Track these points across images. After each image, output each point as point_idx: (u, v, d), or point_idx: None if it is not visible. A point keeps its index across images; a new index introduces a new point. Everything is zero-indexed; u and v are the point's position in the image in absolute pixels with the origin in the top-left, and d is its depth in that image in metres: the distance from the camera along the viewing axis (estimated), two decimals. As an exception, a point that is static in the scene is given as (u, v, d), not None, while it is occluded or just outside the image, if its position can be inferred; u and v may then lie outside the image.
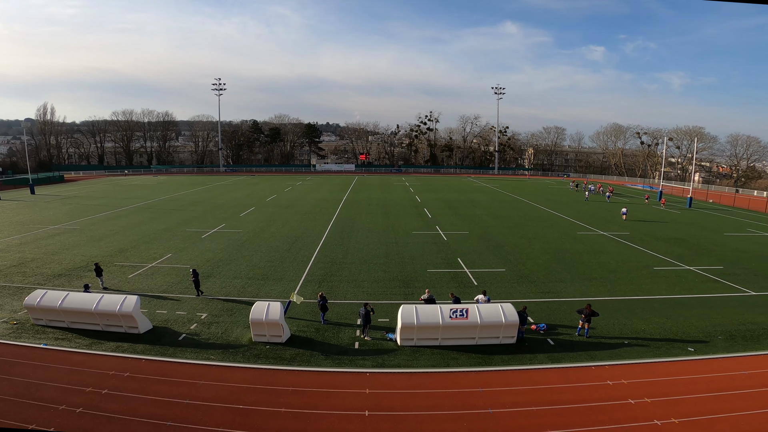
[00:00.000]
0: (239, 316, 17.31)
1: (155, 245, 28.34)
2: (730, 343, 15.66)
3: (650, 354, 14.87)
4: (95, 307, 15.81)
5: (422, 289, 19.81)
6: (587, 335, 15.97)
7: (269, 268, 23.68)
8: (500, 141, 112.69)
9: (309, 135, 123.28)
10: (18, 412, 11.07)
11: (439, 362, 14.25)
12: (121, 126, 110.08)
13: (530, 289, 21.14)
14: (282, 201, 50.46)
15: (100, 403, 11.51)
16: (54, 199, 51.21)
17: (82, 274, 22.28)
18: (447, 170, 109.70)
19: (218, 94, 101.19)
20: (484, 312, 15.38)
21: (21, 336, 15.64)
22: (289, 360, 14.21)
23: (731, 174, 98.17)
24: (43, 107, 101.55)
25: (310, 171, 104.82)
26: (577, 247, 29.66)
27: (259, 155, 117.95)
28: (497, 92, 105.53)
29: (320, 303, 16.88)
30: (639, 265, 25.26)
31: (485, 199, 55.59)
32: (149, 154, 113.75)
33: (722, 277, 23.31)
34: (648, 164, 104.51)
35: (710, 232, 36.03)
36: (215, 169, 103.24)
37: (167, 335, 15.84)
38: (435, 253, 27.18)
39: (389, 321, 16.94)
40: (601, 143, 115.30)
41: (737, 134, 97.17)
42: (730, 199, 58.84)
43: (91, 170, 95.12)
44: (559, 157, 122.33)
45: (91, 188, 63.53)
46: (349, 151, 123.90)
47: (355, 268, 23.84)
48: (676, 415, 11.29)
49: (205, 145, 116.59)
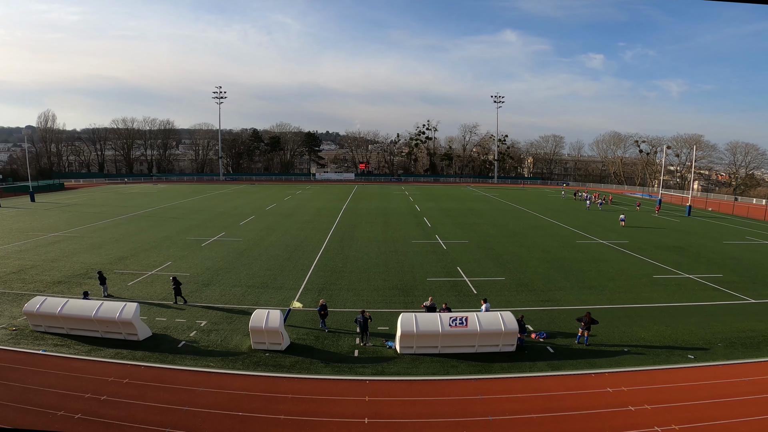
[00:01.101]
0: (239, 324, 17.30)
1: (155, 253, 28.36)
2: (730, 351, 15.65)
3: (650, 361, 14.85)
4: (95, 314, 15.81)
5: (422, 297, 19.84)
6: (587, 343, 15.96)
7: (269, 277, 23.69)
8: (500, 150, 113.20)
9: (309, 144, 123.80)
10: (16, 418, 11.03)
11: (439, 370, 14.23)
12: (121, 134, 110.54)
13: (530, 297, 21.15)
14: (282, 210, 50.56)
15: (98, 409, 11.48)
16: (54, 206, 51.29)
17: (82, 281, 22.28)
18: (446, 179, 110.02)
19: (219, 102, 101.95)
20: (483, 320, 15.39)
21: (20, 342, 15.61)
22: (288, 367, 14.19)
23: (730, 182, 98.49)
24: (44, 114, 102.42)
25: (310, 180, 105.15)
26: (577, 255, 29.71)
27: (259, 164, 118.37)
28: (497, 101, 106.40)
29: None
30: (638, 274, 25.29)
31: (485, 208, 55.72)
32: (149, 162, 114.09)
33: (722, 285, 23.34)
34: (647, 172, 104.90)
35: (709, 240, 36.09)
36: (215, 178, 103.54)
37: (167, 342, 15.81)
38: (434, 262, 27.21)
39: (389, 329, 16.93)
40: (600, 151, 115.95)
41: (736, 142, 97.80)
42: (729, 207, 59.01)
43: (91, 178, 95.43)
44: (558, 165, 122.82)
45: (91, 196, 63.64)
46: (348, 160, 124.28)
47: (355, 277, 23.85)
48: (676, 422, 11.26)
49: (206, 153, 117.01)
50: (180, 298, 19.33)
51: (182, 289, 19.48)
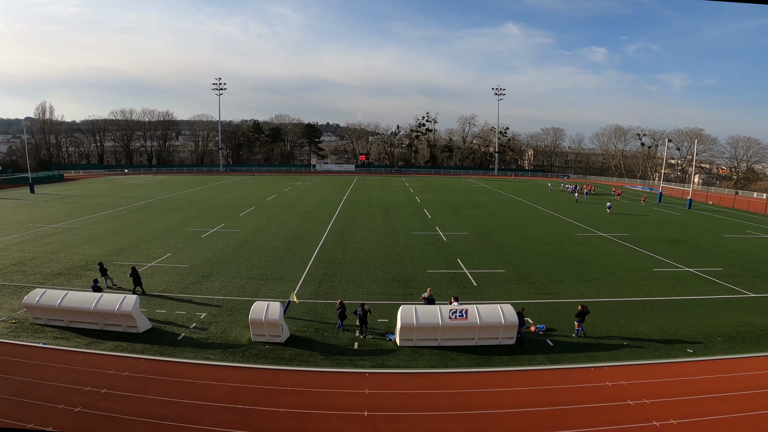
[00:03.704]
0: (238, 316, 17.30)
1: (155, 245, 28.33)
2: (730, 345, 15.66)
3: (649, 355, 14.87)
4: (94, 307, 15.80)
5: (421, 289, 19.82)
6: (579, 334, 16.07)
7: (269, 268, 23.67)
8: (500, 142, 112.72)
9: (309, 135, 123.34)
10: (16, 411, 11.06)
11: (439, 363, 14.25)
12: (121, 125, 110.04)
13: (530, 290, 21.14)
14: (282, 201, 50.45)
15: (98, 403, 11.51)
16: (53, 198, 51.18)
17: (82, 273, 22.28)
18: (447, 171, 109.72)
19: (219, 94, 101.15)
20: (483, 313, 15.37)
21: (20, 335, 15.63)
22: (288, 360, 14.21)
23: (731, 176, 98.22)
24: (41, 106, 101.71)
25: (310, 171, 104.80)
26: (577, 248, 29.67)
27: (259, 155, 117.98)
28: (497, 93, 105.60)
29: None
30: (638, 267, 25.26)
31: (485, 199, 55.59)
32: (149, 153, 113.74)
33: (721, 278, 23.32)
34: (648, 166, 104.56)
35: (710, 233, 36.04)
36: (215, 169, 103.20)
37: (166, 335, 15.83)
38: (435, 254, 27.18)
39: (389, 321, 16.94)
40: (601, 144, 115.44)
41: (737, 136, 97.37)
42: (729, 201, 58.87)
43: (91, 169, 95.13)
44: (559, 158, 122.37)
45: (91, 187, 63.50)
46: (349, 152, 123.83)
47: (355, 269, 23.84)
48: (675, 416, 11.29)
49: (206, 144, 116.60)
50: (139, 288, 19.39)
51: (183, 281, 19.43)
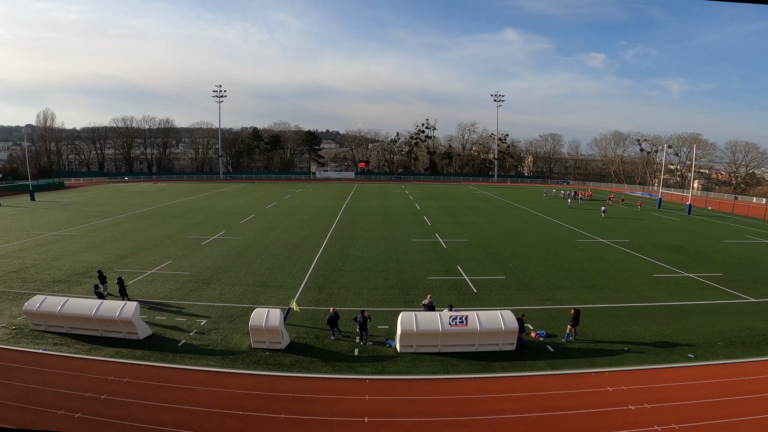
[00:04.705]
0: (239, 323, 17.30)
1: (155, 252, 28.36)
2: (730, 350, 15.65)
3: (650, 360, 14.85)
4: (94, 313, 15.80)
5: (421, 296, 19.84)
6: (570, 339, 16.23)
7: (269, 275, 23.69)
8: (500, 149, 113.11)
9: (309, 142, 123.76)
10: (16, 417, 11.03)
11: (439, 369, 14.23)
12: (121, 132, 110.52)
13: (530, 296, 21.15)
14: (282, 208, 50.54)
15: (98, 408, 11.48)
16: (54, 205, 51.26)
17: (82, 280, 22.29)
18: (446, 178, 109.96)
19: (219, 101, 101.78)
20: (483, 319, 15.39)
21: (20, 341, 15.61)
22: (288, 366, 14.19)
23: (730, 181, 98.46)
24: (43, 113, 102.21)
25: (310, 179, 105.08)
26: (577, 254, 29.70)
27: (259, 163, 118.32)
28: (496, 99, 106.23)
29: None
30: (638, 272, 25.28)
31: (485, 206, 55.69)
32: (149, 160, 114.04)
33: (722, 283, 23.33)
34: (647, 171, 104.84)
35: (709, 239, 36.08)
36: (215, 177, 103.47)
37: (166, 341, 15.81)
38: (434, 261, 27.20)
39: (389, 328, 16.94)
40: (600, 150, 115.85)
41: (736, 141, 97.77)
42: (729, 206, 58.99)
43: (91, 177, 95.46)
44: (558, 164, 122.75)
45: (91, 195, 63.61)
46: (348, 159, 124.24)
47: (355, 276, 23.85)
48: (676, 421, 11.26)
49: (205, 152, 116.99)
50: (126, 298, 19.19)
51: (183, 288, 19.44)
